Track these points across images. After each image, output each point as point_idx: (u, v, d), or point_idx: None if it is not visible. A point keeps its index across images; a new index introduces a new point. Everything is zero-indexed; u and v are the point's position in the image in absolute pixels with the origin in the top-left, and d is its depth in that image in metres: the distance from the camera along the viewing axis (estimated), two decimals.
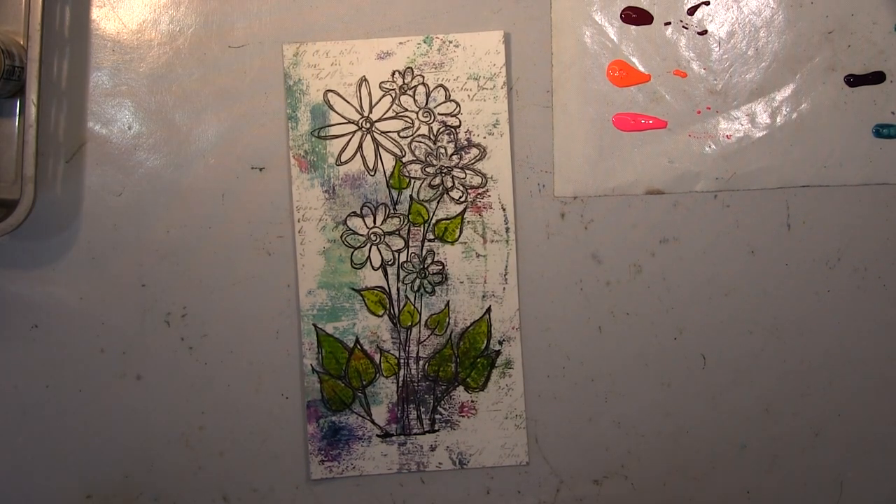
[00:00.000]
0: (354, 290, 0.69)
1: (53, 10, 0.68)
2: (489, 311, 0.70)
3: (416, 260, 0.69)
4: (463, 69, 0.69)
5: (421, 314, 0.70)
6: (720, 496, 0.71)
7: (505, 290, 0.70)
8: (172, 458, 0.70)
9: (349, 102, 0.69)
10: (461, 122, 0.69)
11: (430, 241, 0.69)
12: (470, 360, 0.70)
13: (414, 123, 0.69)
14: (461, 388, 0.70)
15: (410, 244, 0.69)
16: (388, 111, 0.69)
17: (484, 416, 0.70)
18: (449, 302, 0.70)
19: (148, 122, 0.69)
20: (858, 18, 0.69)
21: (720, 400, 0.71)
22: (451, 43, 0.69)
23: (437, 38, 0.69)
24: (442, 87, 0.69)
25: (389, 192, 0.69)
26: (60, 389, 0.69)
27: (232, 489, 0.71)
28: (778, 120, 0.70)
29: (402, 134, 0.69)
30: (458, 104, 0.69)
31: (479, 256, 0.69)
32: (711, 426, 0.71)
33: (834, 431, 0.71)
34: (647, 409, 0.71)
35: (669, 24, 0.70)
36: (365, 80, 0.69)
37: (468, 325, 0.70)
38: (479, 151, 0.69)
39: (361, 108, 0.69)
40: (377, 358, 0.70)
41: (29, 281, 0.69)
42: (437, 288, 0.69)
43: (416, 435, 0.70)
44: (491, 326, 0.70)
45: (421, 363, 0.70)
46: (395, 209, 0.69)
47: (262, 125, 0.69)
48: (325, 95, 0.69)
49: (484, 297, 0.70)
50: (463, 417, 0.70)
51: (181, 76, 0.69)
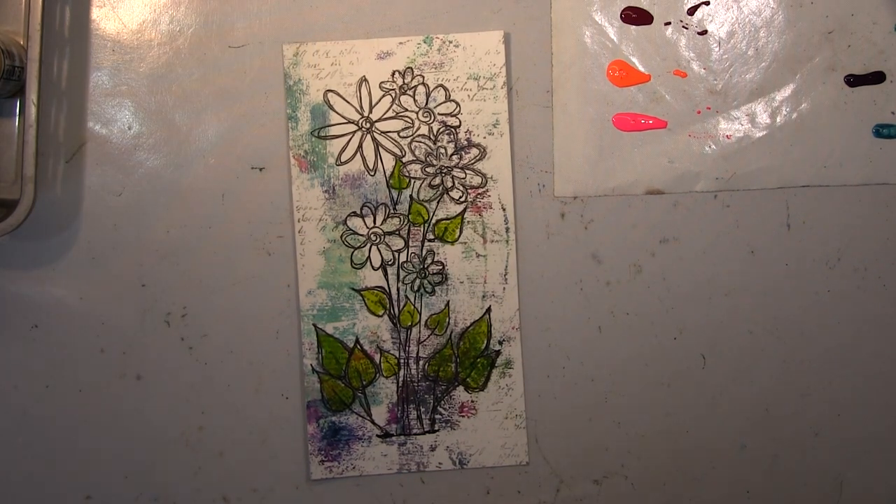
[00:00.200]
0: (354, 290, 0.69)
1: (53, 10, 0.68)
2: (489, 311, 0.70)
3: (416, 260, 0.69)
4: (463, 69, 0.69)
5: (421, 314, 0.70)
6: (720, 496, 0.71)
7: (505, 290, 0.70)
8: (172, 458, 0.70)
9: (349, 102, 0.69)
10: (461, 122, 0.69)
11: (430, 241, 0.69)
12: (470, 360, 0.70)
13: (414, 123, 0.69)
14: (461, 388, 0.70)
15: (410, 244, 0.69)
16: (388, 111, 0.69)
17: (484, 416, 0.70)
18: (449, 302, 0.70)
19: (148, 122, 0.69)
20: (858, 18, 0.69)
21: (720, 400, 0.71)
22: (451, 43, 0.69)
23: (437, 38, 0.69)
24: (442, 87, 0.69)
25: (389, 192, 0.69)
26: (60, 389, 0.69)
27: (232, 489, 0.71)
28: (778, 120, 0.70)
29: (402, 134, 0.69)
30: (458, 104, 0.69)
31: (479, 256, 0.69)
32: (711, 426, 0.71)
33: (834, 431, 0.71)
34: (647, 409, 0.71)
35: (669, 24, 0.70)
36: (365, 80, 0.69)
37: (468, 325, 0.70)
38: (479, 151, 0.69)
39: (361, 108, 0.69)
40: (377, 358, 0.70)
41: (29, 281, 0.69)
42: (437, 288, 0.69)
43: (416, 435, 0.70)
44: (491, 326, 0.70)
45: (421, 363, 0.70)
46: (395, 209, 0.69)
47: (262, 125, 0.69)
48: (325, 95, 0.69)
49: (484, 297, 0.70)
50: (463, 417, 0.70)
51: (181, 76, 0.69)
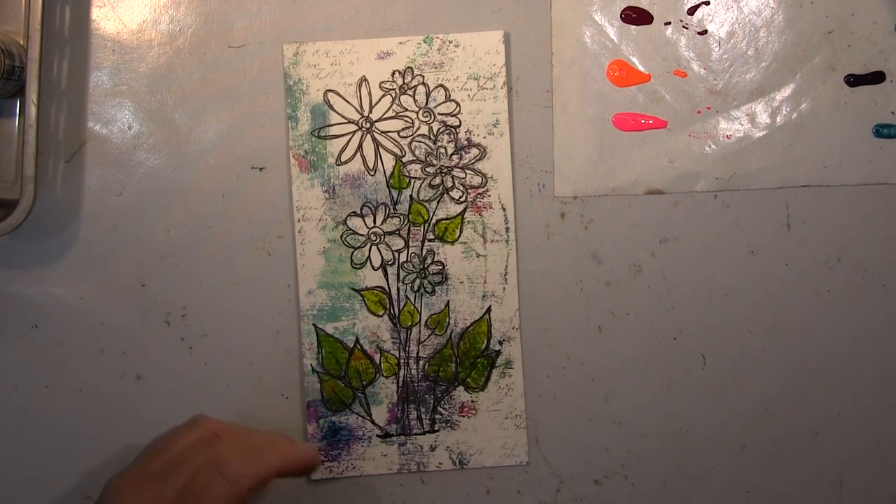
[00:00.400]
0: (354, 290, 0.69)
1: (53, 10, 0.68)
2: (489, 311, 0.70)
3: (416, 260, 0.69)
4: (463, 69, 0.69)
5: (421, 314, 0.70)
6: (720, 496, 0.71)
7: (505, 290, 0.70)
8: None
9: (349, 102, 0.69)
10: (461, 121, 0.69)
11: (430, 241, 0.69)
12: (470, 360, 0.70)
13: (414, 123, 0.69)
14: (461, 388, 0.70)
15: (410, 244, 0.69)
16: (388, 111, 0.69)
17: (484, 416, 0.70)
18: (449, 302, 0.70)
19: (148, 122, 0.69)
20: (858, 18, 0.69)
21: (720, 400, 0.71)
22: (451, 43, 0.69)
23: (437, 37, 0.69)
24: (442, 86, 0.69)
25: (389, 191, 0.69)
26: (60, 389, 0.69)
27: None
28: (778, 120, 0.70)
29: (402, 134, 0.69)
30: (458, 104, 0.69)
31: (479, 256, 0.69)
32: (711, 426, 0.71)
33: (834, 431, 0.71)
34: (647, 409, 0.71)
35: (669, 24, 0.70)
36: (365, 79, 0.69)
37: (468, 325, 0.70)
38: (479, 151, 0.69)
39: (361, 107, 0.69)
40: (377, 358, 0.70)
41: (29, 281, 0.69)
42: (437, 288, 0.69)
43: (416, 435, 0.70)
44: (491, 326, 0.70)
45: (421, 363, 0.70)
46: (395, 209, 0.69)
47: (262, 125, 0.69)
48: (325, 95, 0.69)
49: (484, 297, 0.70)
50: (463, 417, 0.70)
51: (181, 76, 0.69)
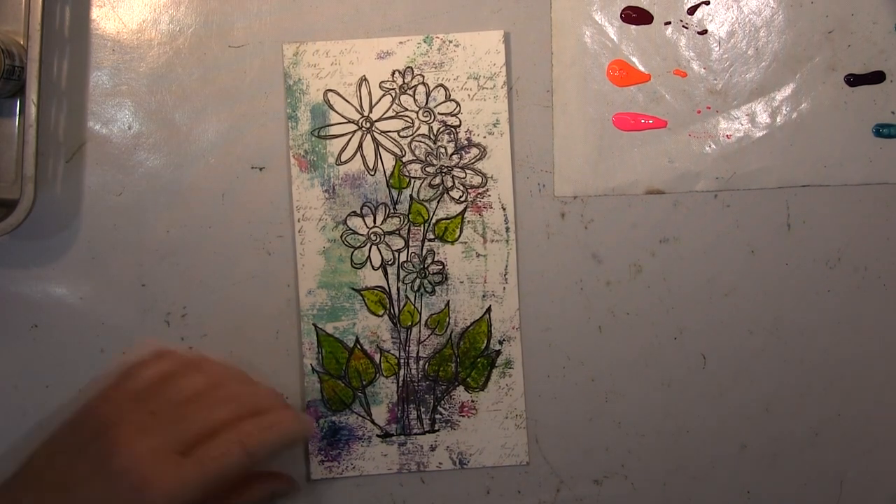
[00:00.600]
0: (354, 289, 0.69)
1: (53, 10, 0.68)
2: (489, 310, 0.70)
3: (416, 260, 0.69)
4: (463, 69, 0.69)
5: (421, 314, 0.70)
6: (720, 496, 0.71)
7: (505, 289, 0.70)
8: None
9: (349, 102, 0.69)
10: (461, 121, 0.69)
11: (430, 240, 0.69)
12: (470, 359, 0.70)
13: (414, 123, 0.69)
14: (461, 388, 0.70)
15: (410, 244, 0.69)
16: (388, 111, 0.69)
17: (484, 416, 0.70)
18: (449, 302, 0.70)
19: (148, 122, 0.69)
20: (858, 18, 0.69)
21: (720, 400, 0.71)
22: (451, 42, 0.69)
23: (437, 37, 0.69)
24: (442, 86, 0.69)
25: (389, 191, 0.69)
26: (60, 389, 0.69)
27: None
28: (778, 120, 0.70)
29: (402, 133, 0.69)
30: (458, 104, 0.69)
31: (479, 256, 0.69)
32: (711, 426, 0.71)
33: (834, 431, 0.71)
34: (647, 409, 0.71)
35: (669, 23, 0.70)
36: (365, 79, 0.69)
37: (468, 324, 0.70)
38: (479, 151, 0.69)
39: (361, 107, 0.69)
40: (377, 358, 0.70)
41: (29, 281, 0.69)
42: (437, 288, 0.69)
43: (416, 435, 0.70)
44: (491, 326, 0.70)
45: (421, 363, 0.70)
46: (395, 209, 0.69)
47: (262, 125, 0.69)
48: (325, 95, 0.69)
49: (484, 296, 0.70)
50: (463, 417, 0.70)
51: (181, 76, 0.69)
